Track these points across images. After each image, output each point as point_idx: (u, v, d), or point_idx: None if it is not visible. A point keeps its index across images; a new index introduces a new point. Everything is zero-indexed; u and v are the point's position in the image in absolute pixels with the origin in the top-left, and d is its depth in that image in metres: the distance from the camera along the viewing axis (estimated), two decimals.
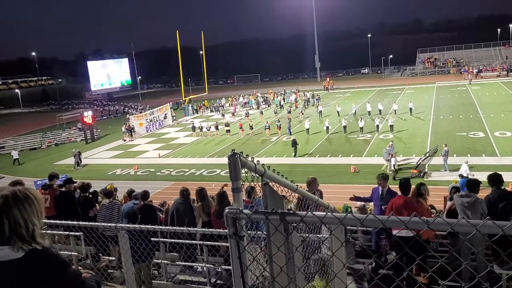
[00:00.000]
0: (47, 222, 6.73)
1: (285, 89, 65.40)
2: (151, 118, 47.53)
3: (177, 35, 55.12)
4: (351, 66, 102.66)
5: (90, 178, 26.01)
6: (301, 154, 30.81)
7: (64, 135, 47.58)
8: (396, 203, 7.15)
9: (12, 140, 46.72)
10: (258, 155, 30.09)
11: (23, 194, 2.03)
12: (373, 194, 8.71)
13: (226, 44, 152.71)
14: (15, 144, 45.13)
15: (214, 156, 32.84)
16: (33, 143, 45.12)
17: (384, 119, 38.75)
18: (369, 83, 74.90)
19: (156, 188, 25.24)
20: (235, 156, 2.32)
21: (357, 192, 11.71)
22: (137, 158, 35.23)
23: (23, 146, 44.48)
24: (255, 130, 39.55)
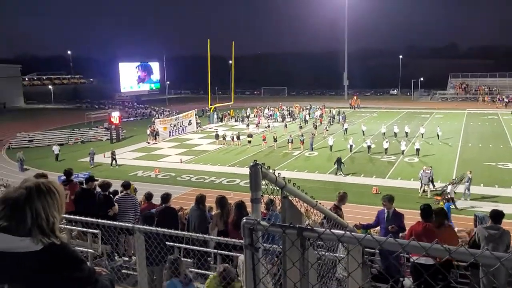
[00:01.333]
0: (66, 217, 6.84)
1: (311, 104, 65.29)
2: (176, 123, 48.09)
3: (209, 44, 55.86)
4: (380, 86, 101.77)
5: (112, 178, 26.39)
6: (323, 171, 30.59)
7: (91, 133, 48.56)
8: (416, 229, 6.98)
9: (41, 135, 47.94)
10: (279, 168, 30.02)
11: (46, 187, 2.05)
12: (379, 216, 8.63)
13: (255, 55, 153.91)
14: (43, 139, 46.31)
15: (235, 166, 32.91)
16: (60, 139, 46.18)
17: (411, 142, 38.21)
18: (397, 104, 74.05)
19: (176, 192, 25.38)
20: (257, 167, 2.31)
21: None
22: (159, 161, 35.61)
23: (51, 141, 45.55)
24: (278, 143, 39.52)
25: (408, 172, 29.62)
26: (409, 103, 76.00)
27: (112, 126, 45.19)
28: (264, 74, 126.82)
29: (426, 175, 24.30)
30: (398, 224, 8.46)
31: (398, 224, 8.47)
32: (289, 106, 64.26)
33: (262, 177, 2.34)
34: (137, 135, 48.01)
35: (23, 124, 58.74)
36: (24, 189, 2.02)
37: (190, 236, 5.78)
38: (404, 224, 8.69)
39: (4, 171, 32.57)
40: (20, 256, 1.92)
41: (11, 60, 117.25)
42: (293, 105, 65.46)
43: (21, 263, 1.92)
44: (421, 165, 29.71)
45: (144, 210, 9.84)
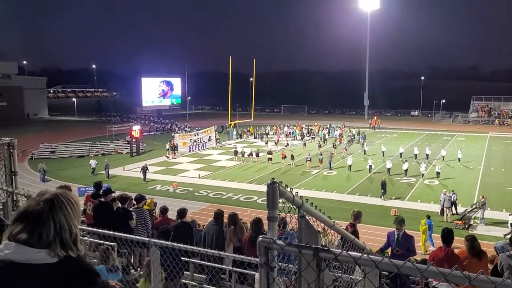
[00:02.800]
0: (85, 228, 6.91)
1: (330, 123, 65.09)
2: (195, 139, 48.45)
3: (230, 61, 56.52)
4: (401, 107, 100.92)
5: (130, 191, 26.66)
6: (341, 191, 30.31)
7: (111, 146, 49.26)
8: (438, 255, 6.81)
9: (63, 146, 48.86)
10: (297, 187, 29.87)
11: (65, 198, 2.04)
12: (389, 238, 8.49)
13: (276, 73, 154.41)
14: (65, 150, 47.17)
15: (253, 183, 32.88)
16: (81, 151, 46.98)
17: (431, 165, 37.64)
18: (418, 126, 73.24)
19: (193, 208, 25.45)
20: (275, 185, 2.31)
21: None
22: (177, 176, 35.83)
23: (72, 153, 46.38)
24: (296, 161, 39.41)
25: (428, 194, 29.11)
26: (430, 125, 75.10)
27: (132, 140, 45.79)
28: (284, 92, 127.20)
29: (449, 199, 23.85)
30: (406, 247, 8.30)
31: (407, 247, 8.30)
32: (308, 125, 64.18)
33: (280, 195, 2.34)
34: (157, 149, 48.49)
35: (47, 135, 60.04)
36: (44, 202, 2.00)
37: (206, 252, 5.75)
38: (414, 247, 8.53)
39: (26, 181, 33.19)
40: (34, 268, 1.90)
41: (37, 72, 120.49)
42: (313, 123, 65.34)
43: (35, 275, 1.90)
44: (441, 188, 29.16)
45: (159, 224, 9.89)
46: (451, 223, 22.57)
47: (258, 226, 8.07)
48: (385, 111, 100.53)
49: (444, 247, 6.85)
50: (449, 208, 23.82)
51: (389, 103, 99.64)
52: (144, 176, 33.63)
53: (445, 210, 23.89)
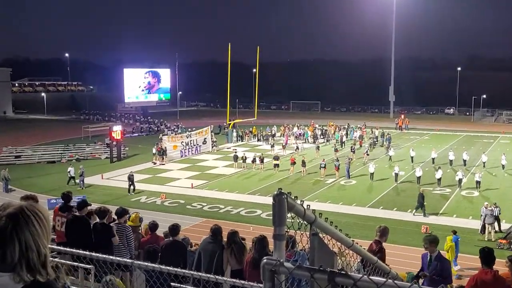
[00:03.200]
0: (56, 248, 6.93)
1: (349, 123, 65.07)
2: (188, 142, 48.51)
3: (229, 49, 56.62)
4: (433, 104, 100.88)
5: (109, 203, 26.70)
6: (361, 203, 30.27)
7: (87, 149, 49.43)
8: (482, 278, 6.77)
9: (30, 150, 49.03)
10: (308, 199, 29.84)
11: (32, 212, 1.99)
12: (422, 261, 8.51)
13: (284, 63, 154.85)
14: (33, 155, 47.32)
15: (256, 194, 32.90)
16: (52, 155, 47.11)
17: (469, 172, 37.51)
18: (454, 126, 73.17)
19: (184, 223, 25.40)
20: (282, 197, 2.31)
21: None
22: (166, 185, 35.88)
23: (41, 158, 46.52)
24: (308, 168, 39.40)
25: (466, 208, 29.03)
26: (468, 125, 74.98)
27: (113, 142, 45.93)
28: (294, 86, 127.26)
29: (491, 213, 23.78)
30: (438, 273, 8.26)
31: (439, 273, 8.26)
32: (322, 125, 64.20)
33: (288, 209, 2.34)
34: (142, 154, 48.56)
35: (10, 137, 60.28)
36: (7, 217, 1.95)
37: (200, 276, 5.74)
38: (450, 273, 8.49)
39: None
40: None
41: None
42: (328, 123, 65.34)
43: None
44: (482, 200, 29.07)
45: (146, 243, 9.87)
46: (494, 242, 22.51)
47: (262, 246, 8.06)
48: (414, 108, 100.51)
49: (490, 270, 6.80)
50: (491, 224, 23.74)
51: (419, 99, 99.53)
52: (131, 187, 33.55)
53: (487, 226, 23.82)
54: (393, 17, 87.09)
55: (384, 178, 36.48)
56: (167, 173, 40.29)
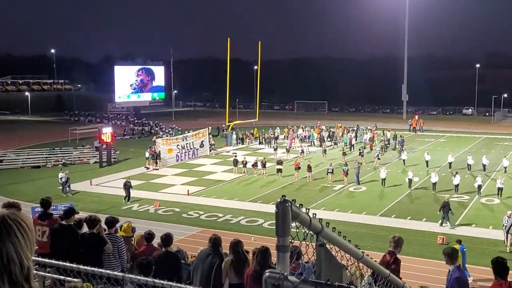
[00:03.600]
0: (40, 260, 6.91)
1: (358, 124, 65.12)
2: (184, 145, 48.53)
3: (228, 44, 56.63)
4: (449, 104, 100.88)
5: (99, 212, 26.73)
6: (372, 211, 30.26)
7: (75, 153, 49.49)
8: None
9: (13, 154, 49.08)
10: (314, 207, 29.83)
11: (15, 222, 1.98)
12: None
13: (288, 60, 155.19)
14: (16, 159, 47.38)
15: (258, 201, 32.92)
16: (37, 159, 47.19)
17: (489, 178, 37.45)
18: (473, 127, 73.11)
19: (179, 233, 25.47)
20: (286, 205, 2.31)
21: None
22: (160, 192, 35.92)
23: (25, 162, 46.58)
24: (314, 174, 39.39)
25: (486, 217, 29.01)
26: (488, 126, 74.93)
27: (102, 146, 45.99)
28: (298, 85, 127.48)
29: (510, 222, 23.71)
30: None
31: None
32: (330, 126, 64.23)
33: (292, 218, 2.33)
34: (134, 158, 48.60)
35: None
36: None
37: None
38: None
39: None
40: None
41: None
42: (335, 124, 65.38)
43: None
44: (504, 208, 29.03)
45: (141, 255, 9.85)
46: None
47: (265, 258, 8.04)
48: (430, 108, 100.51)
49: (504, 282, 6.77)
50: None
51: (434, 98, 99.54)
52: (128, 195, 33.33)
53: (509, 237, 23.75)
54: (406, 11, 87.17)
55: (397, 184, 36.47)
56: (161, 179, 40.31)
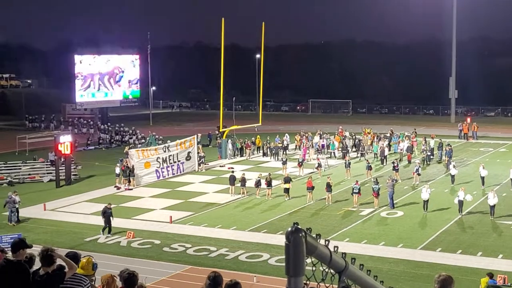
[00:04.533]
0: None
1: (392, 130, 65.01)
2: (165, 157, 48.47)
3: (222, 26, 56.68)
4: None
5: (55, 244, 26.62)
6: (411, 244, 30.16)
7: (24, 169, 49.33)
8: None
9: None
10: (336, 237, 29.76)
11: None
12: None
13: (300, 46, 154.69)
14: None
15: (261, 231, 32.85)
16: None
17: None
18: None
19: (160, 273, 25.41)
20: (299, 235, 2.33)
21: None
22: (134, 219, 35.82)
23: None
24: (335, 194, 39.32)
25: None
26: None
27: (60, 159, 45.95)
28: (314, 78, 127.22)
29: None
30: None
31: None
32: (355, 133, 64.17)
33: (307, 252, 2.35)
34: (100, 175, 48.53)
35: None
36: None
37: None
38: None
39: None
40: None
41: None
42: (362, 130, 65.29)
43: None
44: None
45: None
46: None
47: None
48: (486, 108, 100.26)
49: None
50: None
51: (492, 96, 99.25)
52: (108, 225, 32.54)
53: None
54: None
55: (443, 208, 36.30)
56: (136, 202, 40.22)
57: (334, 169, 49.50)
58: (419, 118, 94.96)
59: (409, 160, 52.13)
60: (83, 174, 48.69)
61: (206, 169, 51.55)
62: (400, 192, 39.79)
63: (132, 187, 44.20)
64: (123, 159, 47.44)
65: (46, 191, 43.25)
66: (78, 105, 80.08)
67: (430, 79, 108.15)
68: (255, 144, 60.31)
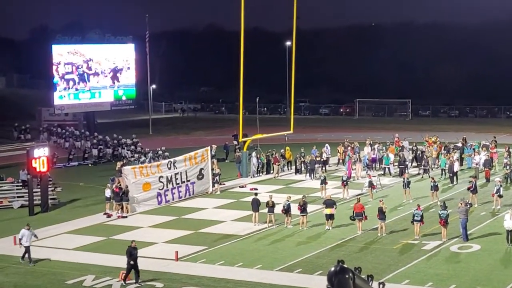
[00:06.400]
0: None
1: (465, 138, 64.65)
2: (171, 176, 48.52)
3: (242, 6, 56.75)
4: None
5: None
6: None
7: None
8: None
9: None
10: (392, 279, 29.78)
11: None
12: None
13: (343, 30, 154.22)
14: None
15: (294, 270, 32.78)
16: None
17: None
18: None
19: None
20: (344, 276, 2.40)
21: None
22: None
23: None
24: (390, 222, 39.26)
25: None
26: None
27: (34, 179, 46.17)
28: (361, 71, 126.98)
29: None
30: None
31: None
32: (415, 142, 63.90)
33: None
34: (85, 198, 48.82)
35: None
36: None
37: None
38: None
39: None
40: None
41: None
42: (425, 138, 65.05)
43: None
44: None
45: None
46: None
47: None
48: None
49: None
50: None
51: None
52: (135, 269, 31.68)
53: None
54: None
55: None
56: (132, 233, 40.09)
57: (389, 189, 49.37)
58: (501, 123, 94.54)
59: (487, 178, 51.81)
60: (63, 198, 48.95)
61: (222, 191, 51.72)
62: (475, 219, 39.56)
63: (126, 214, 44.36)
64: (114, 178, 47.54)
65: (16, 220, 43.36)
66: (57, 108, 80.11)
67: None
68: (285, 158, 60.32)
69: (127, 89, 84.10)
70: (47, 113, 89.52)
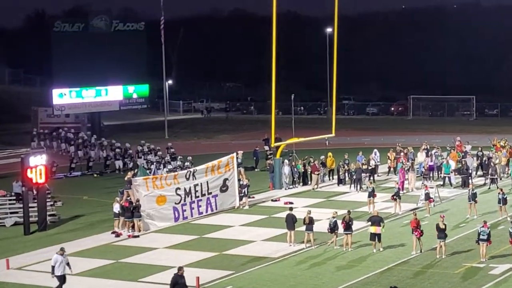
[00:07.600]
0: None
1: None
2: (190, 188, 48.58)
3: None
4: None
5: None
6: None
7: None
8: None
9: None
10: None
11: None
12: None
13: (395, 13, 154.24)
14: None
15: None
16: None
17: None
18: None
19: None
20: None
21: None
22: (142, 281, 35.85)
23: None
24: (451, 242, 39.09)
25: None
26: None
27: (30, 192, 46.36)
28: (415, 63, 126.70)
29: None
30: None
31: None
32: (481, 146, 63.67)
33: None
34: (90, 214, 49.06)
35: None
36: None
37: None
38: None
39: None
40: None
41: None
42: (492, 142, 64.78)
43: None
44: None
45: None
46: None
47: None
48: None
49: None
50: None
51: None
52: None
53: None
54: None
55: None
56: (145, 256, 40.38)
57: (450, 203, 49.23)
58: None
59: None
60: (64, 214, 49.17)
61: (251, 205, 51.78)
62: None
63: (138, 233, 44.53)
64: (124, 191, 47.63)
65: (9, 240, 43.72)
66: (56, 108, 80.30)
67: None
68: (326, 166, 60.31)
69: (138, 85, 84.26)
70: (44, 114, 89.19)
